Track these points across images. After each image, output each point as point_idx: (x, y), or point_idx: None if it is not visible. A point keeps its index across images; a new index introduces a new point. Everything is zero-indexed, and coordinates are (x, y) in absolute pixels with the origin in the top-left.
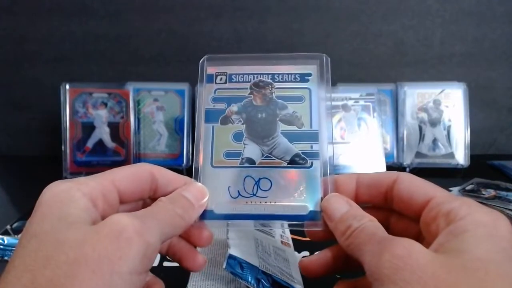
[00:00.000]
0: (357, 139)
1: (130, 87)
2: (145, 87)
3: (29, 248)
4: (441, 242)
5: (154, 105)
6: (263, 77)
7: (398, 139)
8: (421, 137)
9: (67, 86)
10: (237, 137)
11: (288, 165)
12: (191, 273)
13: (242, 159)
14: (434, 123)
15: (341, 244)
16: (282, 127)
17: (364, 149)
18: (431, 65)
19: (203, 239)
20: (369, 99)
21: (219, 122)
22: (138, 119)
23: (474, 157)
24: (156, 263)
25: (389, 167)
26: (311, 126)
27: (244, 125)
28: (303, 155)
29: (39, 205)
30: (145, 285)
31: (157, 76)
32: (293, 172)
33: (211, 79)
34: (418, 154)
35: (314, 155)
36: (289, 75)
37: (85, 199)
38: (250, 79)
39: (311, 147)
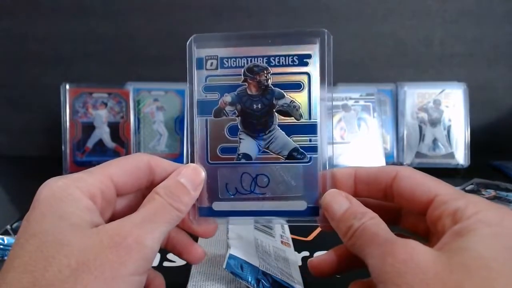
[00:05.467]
0: (357, 139)
1: (130, 87)
2: (145, 87)
3: (28, 248)
4: (446, 241)
5: (154, 105)
6: (257, 61)
7: (398, 139)
8: (421, 137)
9: (67, 86)
10: (232, 131)
11: (286, 161)
12: (191, 273)
13: (239, 155)
14: (434, 123)
15: (345, 244)
16: (279, 119)
17: (364, 149)
18: (431, 65)
19: (207, 231)
20: (369, 99)
21: (212, 115)
22: (138, 119)
23: (474, 157)
24: (156, 263)
25: None
26: (310, 117)
27: (239, 118)
28: (301, 150)
29: (37, 202)
30: (146, 280)
31: (157, 76)
32: (291, 168)
33: (201, 64)
34: (418, 154)
35: (313, 149)
36: (287, 58)
37: (85, 198)
38: (244, 63)
39: (310, 140)
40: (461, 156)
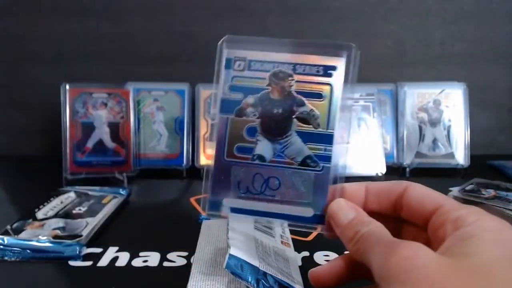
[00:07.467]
0: (357, 139)
1: (130, 87)
2: (145, 87)
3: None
4: (448, 246)
5: (154, 105)
6: (284, 67)
7: (398, 139)
8: (421, 137)
9: (67, 86)
10: (251, 131)
11: (299, 167)
12: (191, 273)
13: (254, 155)
14: (434, 123)
15: (348, 250)
16: (297, 125)
17: (364, 149)
18: (431, 65)
19: None
20: (369, 99)
21: (234, 114)
22: (138, 119)
23: (474, 157)
24: (156, 263)
25: (389, 167)
26: (327, 127)
27: (259, 120)
28: (315, 158)
29: None
30: None
31: (157, 76)
32: (303, 174)
33: (229, 64)
34: (418, 154)
35: (326, 158)
36: (312, 67)
37: None
38: (270, 68)
39: (325, 150)
40: (461, 156)
